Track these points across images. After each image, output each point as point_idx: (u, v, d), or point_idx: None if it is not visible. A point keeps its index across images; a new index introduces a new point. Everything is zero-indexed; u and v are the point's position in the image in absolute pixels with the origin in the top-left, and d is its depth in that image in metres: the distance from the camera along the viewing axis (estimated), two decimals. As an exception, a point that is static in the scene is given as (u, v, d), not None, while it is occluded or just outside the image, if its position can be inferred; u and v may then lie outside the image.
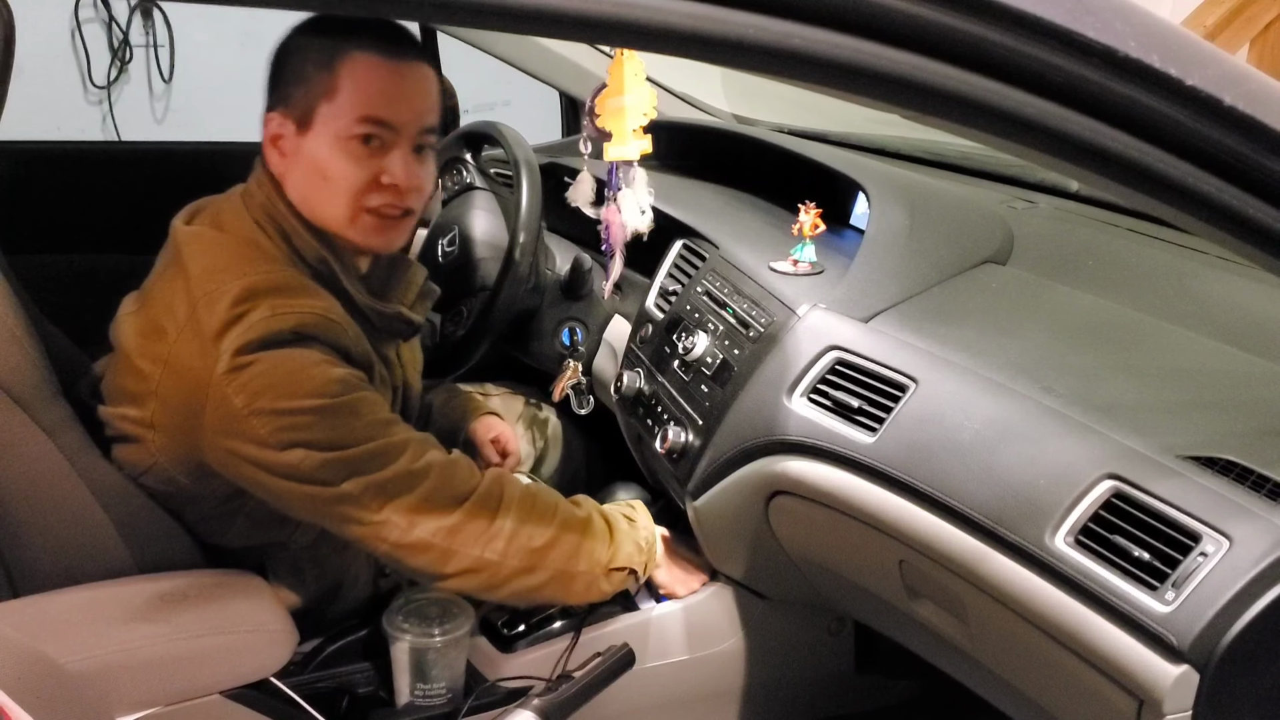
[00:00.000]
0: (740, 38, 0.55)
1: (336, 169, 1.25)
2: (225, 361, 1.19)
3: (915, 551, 1.20)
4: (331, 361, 1.23)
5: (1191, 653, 0.92)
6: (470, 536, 1.28)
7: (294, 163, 1.27)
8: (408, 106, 1.26)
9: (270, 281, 1.23)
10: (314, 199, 1.27)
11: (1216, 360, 1.22)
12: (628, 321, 1.71)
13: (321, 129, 1.25)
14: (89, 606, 1.28)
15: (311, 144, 1.26)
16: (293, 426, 1.20)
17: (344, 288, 1.30)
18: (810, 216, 1.43)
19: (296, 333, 1.21)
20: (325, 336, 1.23)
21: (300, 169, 1.27)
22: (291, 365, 1.20)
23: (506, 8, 0.54)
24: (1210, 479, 0.98)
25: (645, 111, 1.26)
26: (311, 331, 1.22)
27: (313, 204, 1.28)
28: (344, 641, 1.44)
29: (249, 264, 1.25)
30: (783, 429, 1.29)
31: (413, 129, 1.27)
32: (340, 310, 1.27)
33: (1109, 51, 0.57)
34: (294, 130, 1.26)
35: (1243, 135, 0.61)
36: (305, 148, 1.26)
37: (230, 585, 1.34)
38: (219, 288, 1.22)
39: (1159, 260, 1.53)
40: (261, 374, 1.19)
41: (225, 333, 1.19)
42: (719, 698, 1.62)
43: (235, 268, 1.24)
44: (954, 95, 0.58)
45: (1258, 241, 0.64)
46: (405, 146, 1.26)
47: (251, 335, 1.19)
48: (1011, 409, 1.13)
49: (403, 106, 1.25)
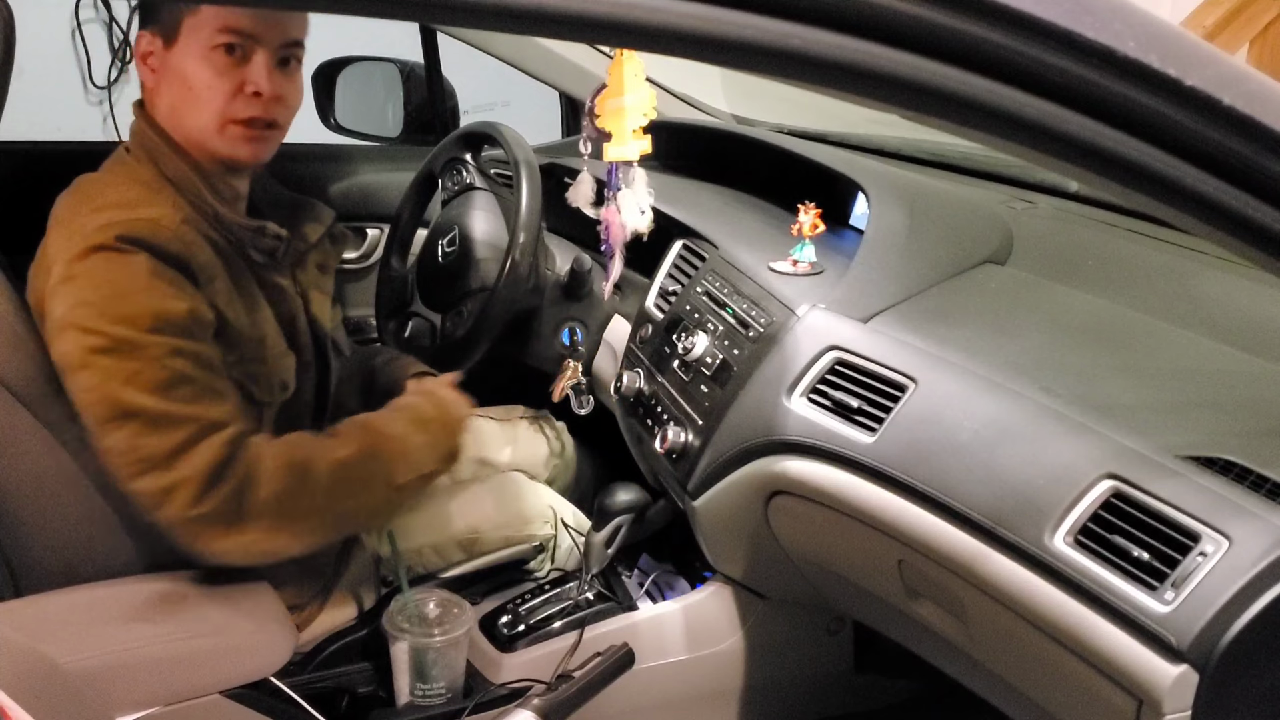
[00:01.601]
0: (740, 38, 0.55)
1: (200, 79, 1.28)
2: (56, 273, 1.22)
3: (915, 551, 1.20)
4: (161, 285, 1.21)
5: (1191, 653, 0.92)
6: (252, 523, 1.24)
7: (162, 77, 1.31)
8: (269, 18, 1.28)
9: (119, 197, 1.26)
10: (181, 111, 1.30)
11: (1216, 360, 1.22)
12: (628, 321, 1.71)
13: (186, 41, 1.27)
14: (89, 606, 1.28)
15: (177, 57, 1.28)
16: (91, 349, 1.20)
17: (209, 204, 1.30)
18: (810, 217, 1.43)
19: (124, 238, 1.21)
20: (156, 244, 1.22)
21: (167, 83, 1.30)
22: (113, 277, 1.20)
23: (506, 8, 0.54)
24: (1210, 479, 0.98)
25: (645, 111, 1.26)
26: (140, 237, 1.21)
27: (180, 116, 1.30)
28: (344, 641, 1.45)
29: (110, 188, 1.29)
30: (782, 429, 1.29)
31: (275, 39, 1.29)
32: (180, 221, 1.26)
33: (1108, 52, 0.57)
34: (162, 46, 1.29)
35: (1242, 135, 0.61)
36: (172, 61, 1.29)
37: (230, 585, 1.34)
38: (75, 216, 1.26)
39: (1159, 260, 1.53)
40: (81, 284, 1.21)
41: (64, 250, 1.22)
42: (718, 697, 1.62)
43: (97, 194, 1.28)
44: (954, 95, 0.58)
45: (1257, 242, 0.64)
46: (268, 57, 1.29)
47: (81, 244, 1.21)
48: (1011, 409, 1.13)
49: (262, 17, 1.28)
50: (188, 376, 1.22)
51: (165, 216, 1.25)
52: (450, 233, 1.89)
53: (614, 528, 1.57)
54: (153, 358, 1.20)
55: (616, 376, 1.62)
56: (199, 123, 1.29)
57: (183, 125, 1.30)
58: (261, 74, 1.28)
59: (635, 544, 1.68)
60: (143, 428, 1.20)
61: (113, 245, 1.20)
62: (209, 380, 1.25)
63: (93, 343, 1.19)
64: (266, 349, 1.35)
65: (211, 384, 1.25)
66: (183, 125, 1.30)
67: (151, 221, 1.23)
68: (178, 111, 1.30)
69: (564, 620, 1.52)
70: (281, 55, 1.31)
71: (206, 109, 1.29)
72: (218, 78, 1.28)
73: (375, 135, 2.37)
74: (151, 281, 1.21)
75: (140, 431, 1.20)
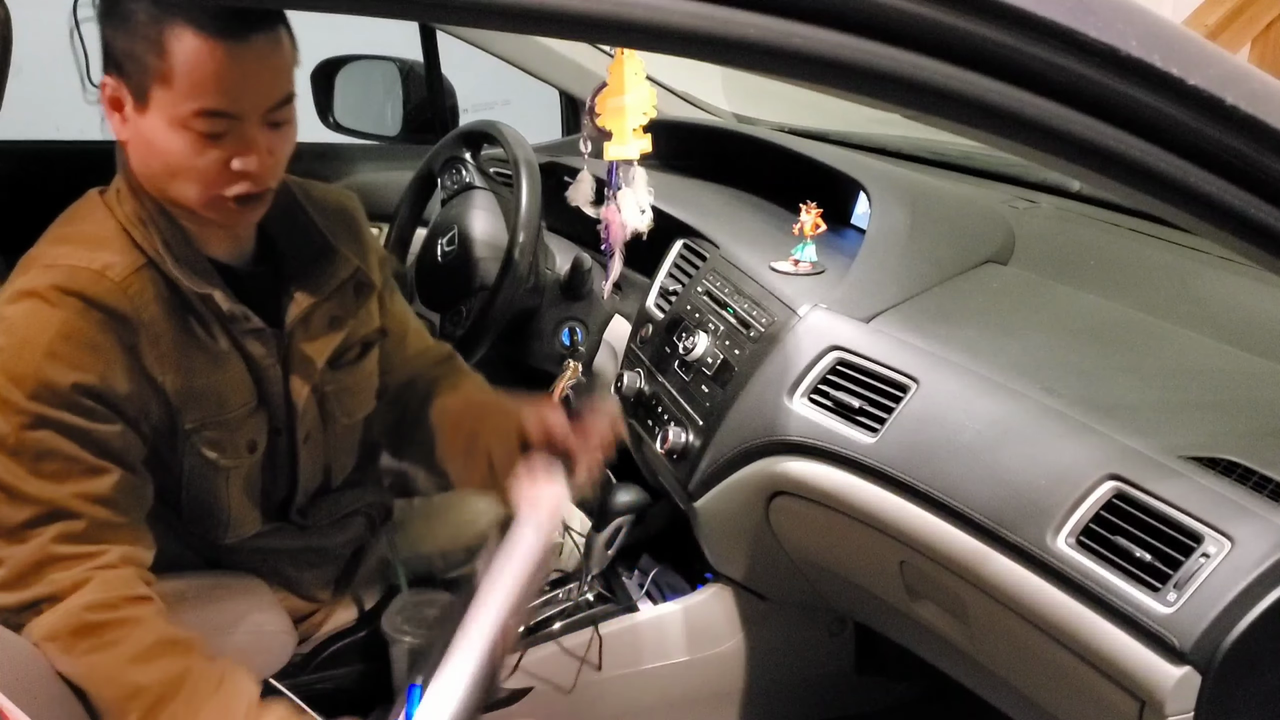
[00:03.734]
0: (740, 37, 0.55)
1: (180, 159, 1.12)
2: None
3: (916, 552, 1.19)
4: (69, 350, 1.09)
5: (1193, 654, 0.92)
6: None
7: (135, 135, 1.15)
8: (251, 92, 1.11)
9: (84, 234, 1.15)
10: (159, 178, 1.15)
11: (1218, 360, 1.22)
12: (628, 321, 1.71)
13: (158, 113, 1.11)
14: (88, 607, 1.27)
15: (150, 126, 1.12)
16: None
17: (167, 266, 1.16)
18: (811, 216, 1.43)
19: (60, 288, 1.10)
20: (91, 297, 1.11)
21: (141, 147, 1.15)
22: (26, 331, 1.10)
23: (506, 8, 0.54)
24: (1212, 480, 0.98)
25: (645, 111, 1.26)
26: (77, 290, 1.10)
27: (157, 180, 1.15)
28: (344, 642, 1.44)
29: (86, 220, 1.18)
30: (783, 429, 1.29)
31: (260, 108, 1.12)
32: (132, 271, 1.14)
33: (1111, 51, 0.57)
34: (132, 104, 1.13)
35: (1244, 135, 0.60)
36: (145, 128, 1.13)
37: (230, 585, 1.34)
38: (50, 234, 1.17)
39: (1161, 260, 1.53)
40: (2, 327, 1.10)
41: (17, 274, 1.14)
42: (719, 699, 1.62)
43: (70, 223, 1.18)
44: (955, 95, 0.58)
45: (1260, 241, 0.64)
46: (255, 129, 1.13)
47: (24, 285, 1.11)
48: (1013, 409, 1.12)
49: (245, 93, 1.11)
50: (55, 454, 1.10)
51: (119, 264, 1.13)
52: (450, 232, 1.88)
53: (614, 528, 1.57)
54: (20, 425, 1.09)
55: (616, 376, 1.62)
56: (178, 193, 1.15)
57: (160, 190, 1.16)
58: (250, 154, 1.12)
59: (635, 544, 1.68)
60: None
61: (43, 294, 1.10)
62: (79, 459, 1.11)
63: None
64: (229, 409, 1.22)
65: (81, 464, 1.11)
66: (160, 190, 1.16)
67: (96, 273, 1.11)
68: (155, 176, 1.15)
69: (564, 620, 1.52)
70: (271, 120, 1.14)
71: (191, 187, 1.13)
72: (200, 159, 1.11)
73: (374, 134, 2.37)
74: (55, 344, 1.09)
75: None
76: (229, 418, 1.22)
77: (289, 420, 1.29)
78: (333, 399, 1.33)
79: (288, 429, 1.29)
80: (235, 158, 1.12)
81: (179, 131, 1.10)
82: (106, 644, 1.09)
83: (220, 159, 1.12)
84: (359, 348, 1.36)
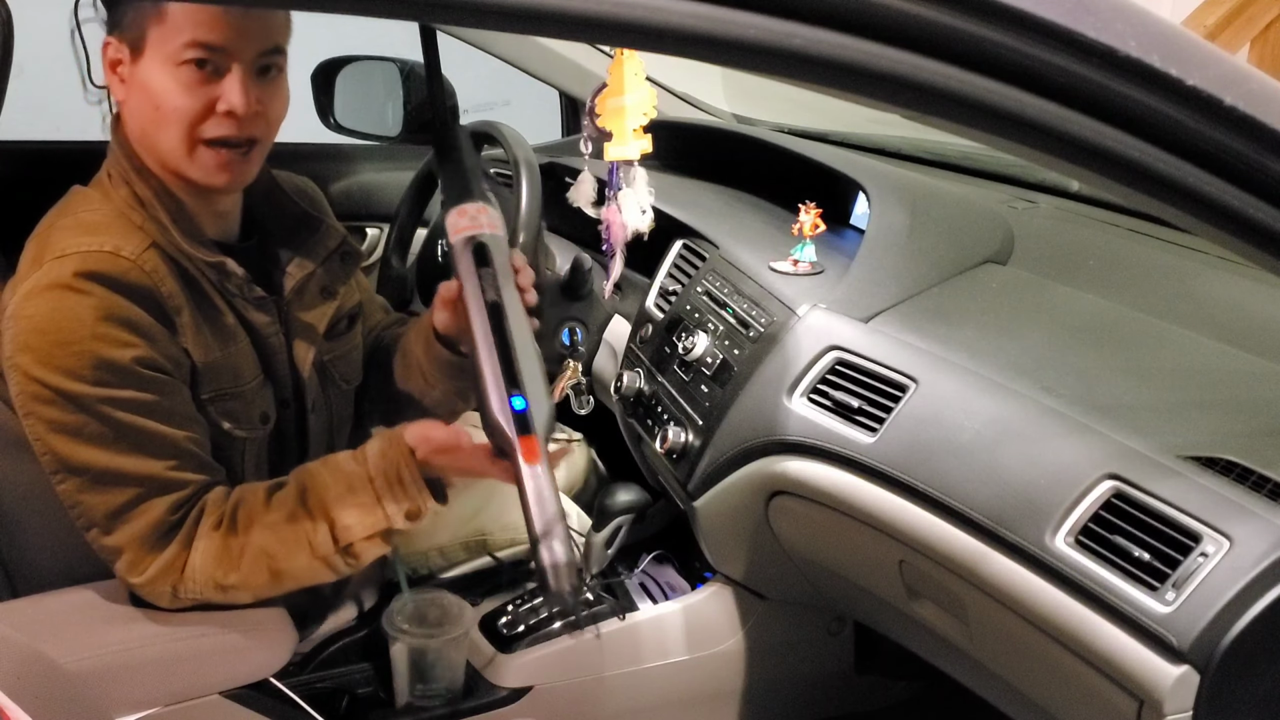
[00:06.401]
0: (740, 38, 0.55)
1: (168, 97, 1.16)
2: (12, 305, 1.16)
3: (915, 552, 1.19)
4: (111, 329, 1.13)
5: (1192, 653, 0.92)
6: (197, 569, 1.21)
7: (131, 91, 1.20)
8: (242, 30, 1.16)
9: (88, 221, 1.19)
10: (150, 131, 1.19)
11: (1217, 360, 1.22)
12: (628, 321, 1.71)
13: (153, 54, 1.16)
14: (89, 606, 1.28)
15: (144, 71, 1.17)
16: (34, 397, 1.14)
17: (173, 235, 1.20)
18: (810, 216, 1.43)
19: (82, 274, 1.13)
20: (113, 276, 1.14)
21: (135, 98, 1.20)
22: (59, 321, 1.13)
23: (506, 8, 0.54)
24: (1211, 479, 0.98)
25: (645, 111, 1.26)
26: (97, 271, 1.14)
27: (149, 137, 1.20)
28: (344, 641, 1.45)
29: (84, 210, 1.21)
30: (783, 429, 1.29)
31: (252, 50, 1.17)
32: (144, 248, 1.18)
33: (1109, 51, 0.57)
34: (129, 56, 1.18)
35: (1243, 135, 0.61)
36: (139, 75, 1.18)
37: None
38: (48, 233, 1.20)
39: (1160, 260, 1.53)
40: (29, 325, 1.14)
41: (25, 280, 1.16)
42: (719, 698, 1.62)
43: (71, 213, 1.21)
44: (954, 95, 0.58)
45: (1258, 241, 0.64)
46: (244, 70, 1.17)
47: (39, 279, 1.14)
48: (1012, 409, 1.13)
49: (236, 31, 1.16)
50: (134, 429, 1.15)
51: (127, 245, 1.17)
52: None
53: (614, 528, 1.57)
54: (95, 412, 1.14)
55: (616, 376, 1.62)
56: (168, 144, 1.18)
57: (153, 147, 1.20)
58: (236, 91, 1.16)
59: (635, 544, 1.68)
60: (85, 484, 1.16)
61: (67, 284, 1.13)
62: (161, 433, 1.17)
63: (35, 391, 1.14)
64: (243, 382, 1.28)
65: (164, 436, 1.18)
66: (153, 147, 1.20)
67: (110, 254, 1.15)
68: (147, 133, 1.20)
69: (564, 621, 1.52)
70: (260, 65, 1.19)
71: (174, 129, 1.17)
72: (186, 95, 1.16)
73: (374, 134, 2.37)
74: (99, 327, 1.13)
75: (82, 487, 1.16)
76: (244, 389, 1.28)
77: (296, 390, 1.35)
78: (332, 367, 1.41)
79: (295, 399, 1.35)
80: (221, 99, 1.17)
81: (171, 70, 1.16)
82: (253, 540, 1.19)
83: (208, 98, 1.17)
84: (347, 319, 1.45)
